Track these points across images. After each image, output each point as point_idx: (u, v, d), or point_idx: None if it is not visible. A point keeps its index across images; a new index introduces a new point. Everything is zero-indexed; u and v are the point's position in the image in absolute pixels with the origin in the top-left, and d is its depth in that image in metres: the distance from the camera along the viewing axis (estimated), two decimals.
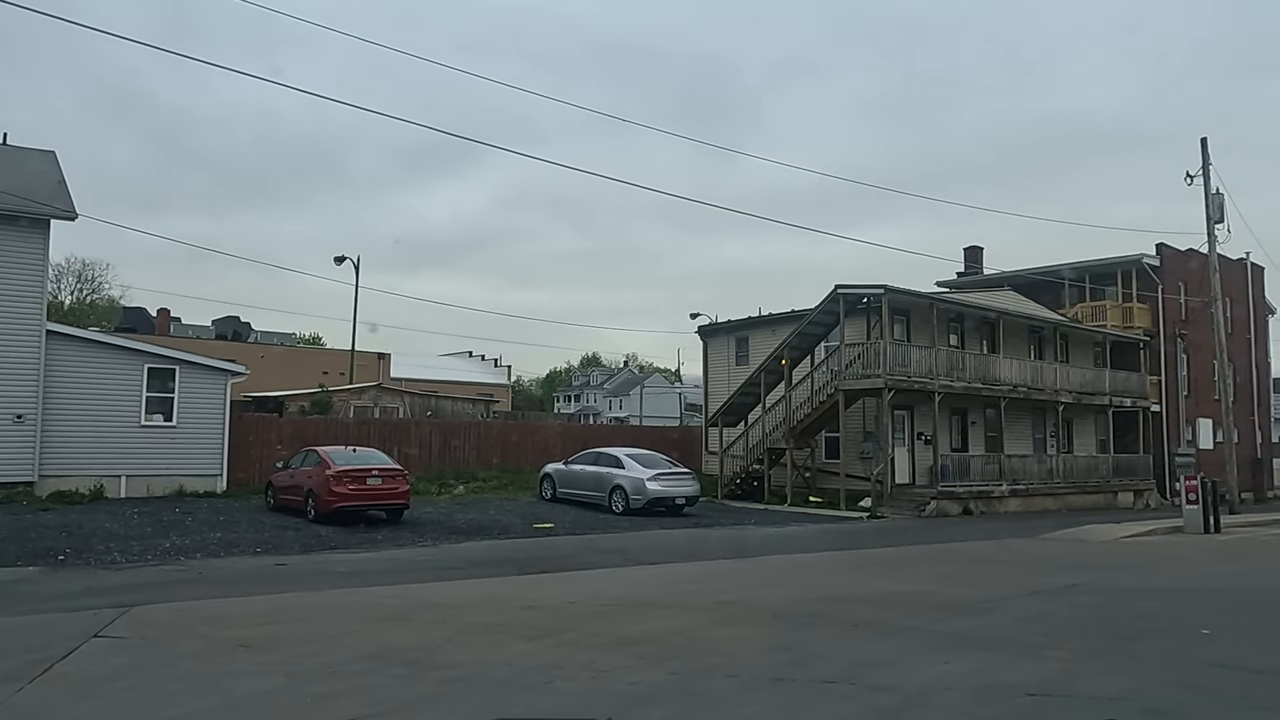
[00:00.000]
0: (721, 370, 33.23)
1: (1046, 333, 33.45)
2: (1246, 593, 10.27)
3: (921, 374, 26.14)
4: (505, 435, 29.86)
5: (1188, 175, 31.02)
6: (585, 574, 12.71)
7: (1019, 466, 28.96)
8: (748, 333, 32.57)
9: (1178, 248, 38.05)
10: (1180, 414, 38.08)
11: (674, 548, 16.43)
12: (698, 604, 9.47)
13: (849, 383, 25.88)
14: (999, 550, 16.06)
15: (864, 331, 27.79)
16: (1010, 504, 28.02)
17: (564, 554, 15.27)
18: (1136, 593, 10.29)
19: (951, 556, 15.04)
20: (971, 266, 43.26)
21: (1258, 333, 44.10)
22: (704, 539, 18.19)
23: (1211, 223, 30.55)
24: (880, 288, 25.37)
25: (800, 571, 12.88)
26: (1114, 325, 35.90)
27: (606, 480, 22.96)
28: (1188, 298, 37.29)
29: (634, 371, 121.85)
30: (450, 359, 76.23)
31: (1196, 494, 20.72)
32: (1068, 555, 15.34)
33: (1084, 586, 10.71)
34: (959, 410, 29.92)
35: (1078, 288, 38.28)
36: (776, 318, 31.19)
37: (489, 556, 14.73)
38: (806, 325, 27.43)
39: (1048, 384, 30.70)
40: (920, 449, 28.43)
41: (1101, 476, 32.54)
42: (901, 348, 26.25)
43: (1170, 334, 37.99)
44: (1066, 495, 30.34)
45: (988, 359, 28.86)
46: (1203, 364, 39.87)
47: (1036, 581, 11.29)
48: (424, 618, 8.75)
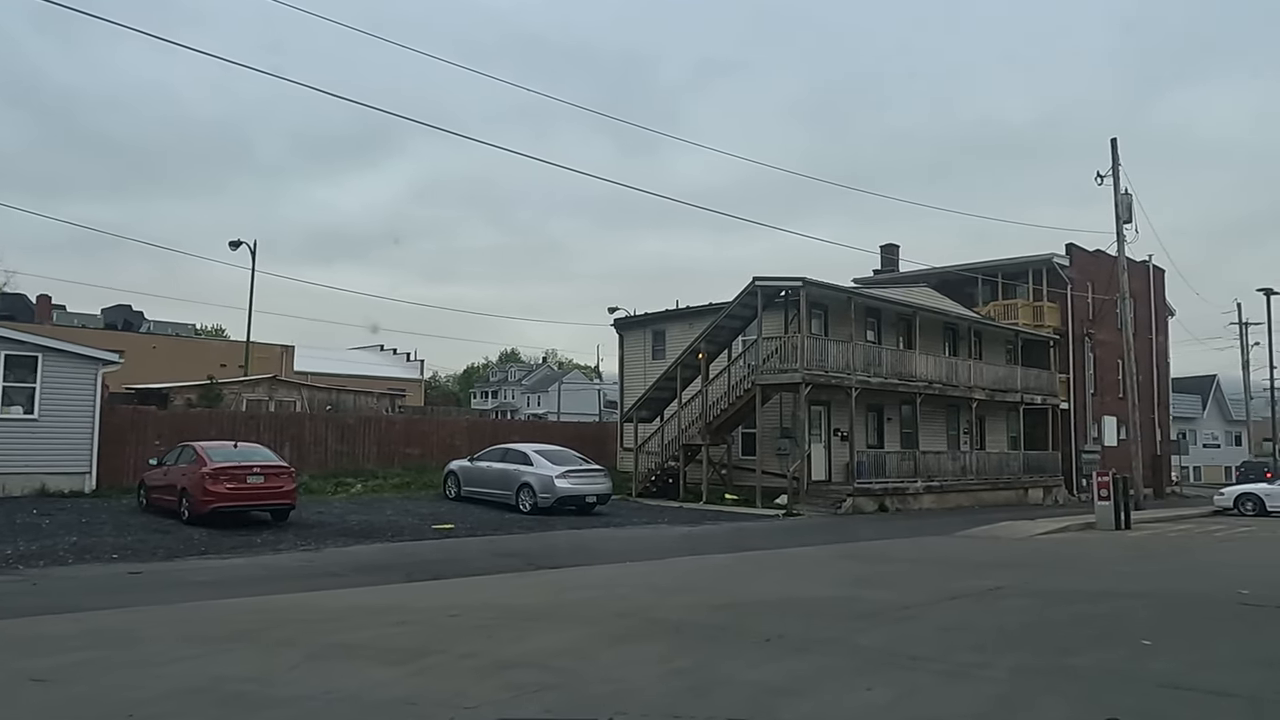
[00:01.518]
0: (638, 364, 32.35)
1: (961, 330, 33.54)
2: (1173, 596, 9.79)
3: (839, 369, 25.70)
4: (409, 431, 28.39)
5: (1098, 175, 31.42)
6: (478, 580, 11.60)
7: (934, 463, 28.85)
8: (664, 326, 31.76)
9: (1086, 249, 38.74)
10: (1087, 411, 38.81)
11: (579, 549, 15.44)
12: (594, 615, 8.49)
13: (766, 377, 25.26)
14: (916, 549, 15.52)
15: (782, 325, 27.23)
16: (925, 501, 27.86)
17: (460, 558, 14.14)
18: (1062, 596, 9.71)
19: (869, 556, 14.41)
20: (888, 264, 43.41)
21: (1158, 333, 45.37)
22: (613, 540, 17.24)
23: (1120, 222, 30.99)
24: (799, 280, 24.82)
25: (710, 574, 12.02)
26: (1025, 323, 36.29)
27: (513, 478, 21.82)
28: (1095, 295, 37.97)
29: (553, 368, 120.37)
30: (360, 353, 73.61)
31: (1109, 490, 20.68)
32: (985, 554, 14.88)
33: (1008, 589, 10.10)
34: (875, 406, 29.67)
35: (991, 286, 38.65)
36: (694, 311, 30.45)
37: (376, 561, 13.49)
38: (724, 318, 26.74)
39: (962, 381, 30.71)
40: (837, 445, 28.04)
41: (1012, 473, 32.77)
42: (820, 342, 25.76)
43: (1078, 333, 38.68)
44: (979, 492, 30.40)
45: (904, 355, 28.66)
46: (1108, 362, 40.76)
47: (958, 584, 10.65)
48: (274, 637, 7.55)
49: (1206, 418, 67.87)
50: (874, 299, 28.71)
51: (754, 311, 26.04)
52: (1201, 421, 66.51)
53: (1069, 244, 38.76)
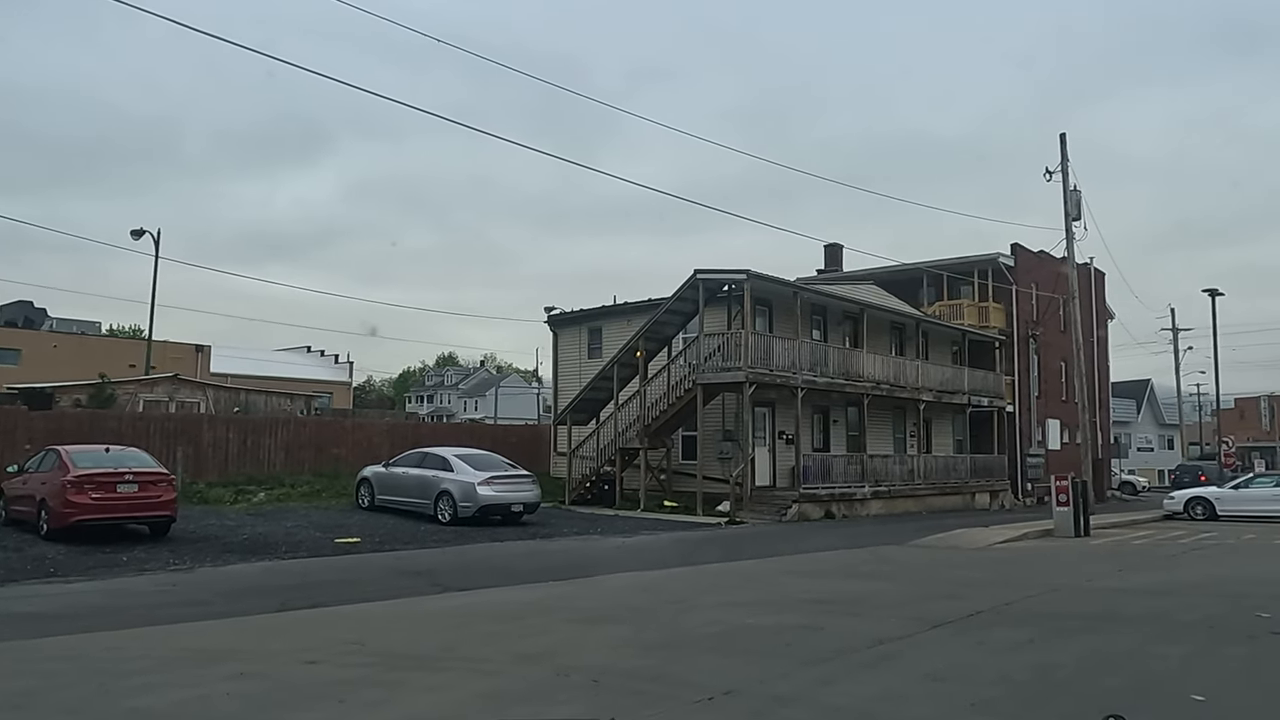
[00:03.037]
0: (573, 364, 30.56)
1: (909, 329, 32.48)
2: (1186, 623, 8.38)
3: (784, 368, 24.27)
4: (322, 434, 26.16)
5: (1047, 171, 30.53)
6: (366, 609, 9.72)
7: (881, 467, 27.62)
8: (601, 323, 30.03)
9: (1030, 249, 38.11)
10: (1032, 414, 38.15)
11: (498, 566, 13.63)
12: (492, 660, 6.73)
13: (708, 376, 23.71)
14: (874, 562, 14.04)
15: (725, 321, 25.75)
16: (873, 506, 26.60)
17: (356, 578, 12.23)
18: (1058, 623, 8.23)
19: (822, 570, 12.87)
20: (832, 264, 42.31)
21: (1098, 336, 45.13)
22: (538, 554, 15.45)
23: (1069, 219, 30.16)
24: (742, 273, 23.32)
25: (643, 597, 10.32)
26: (971, 324, 35.44)
27: (432, 485, 19.88)
28: (1041, 294, 37.34)
29: (491, 371, 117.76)
30: (286, 354, 70.40)
31: (1068, 495, 19.54)
32: (949, 567, 13.46)
33: (991, 614, 8.60)
34: (821, 408, 28.36)
35: (936, 287, 37.80)
36: (632, 307, 28.80)
37: (253, 584, 11.51)
38: (663, 314, 25.11)
39: (909, 381, 29.59)
40: (782, 449, 26.62)
41: (960, 477, 31.79)
42: (764, 339, 24.30)
43: (1023, 334, 38.00)
44: (927, 497, 29.29)
45: (852, 354, 27.40)
46: (1051, 365, 40.23)
47: (932, 607, 9.13)
48: (49, 702, 5.61)
49: (1141, 421, 68.54)
50: (821, 295, 27.39)
51: (695, 307, 24.48)
52: (1136, 425, 67.11)
53: (1014, 244, 38.08)
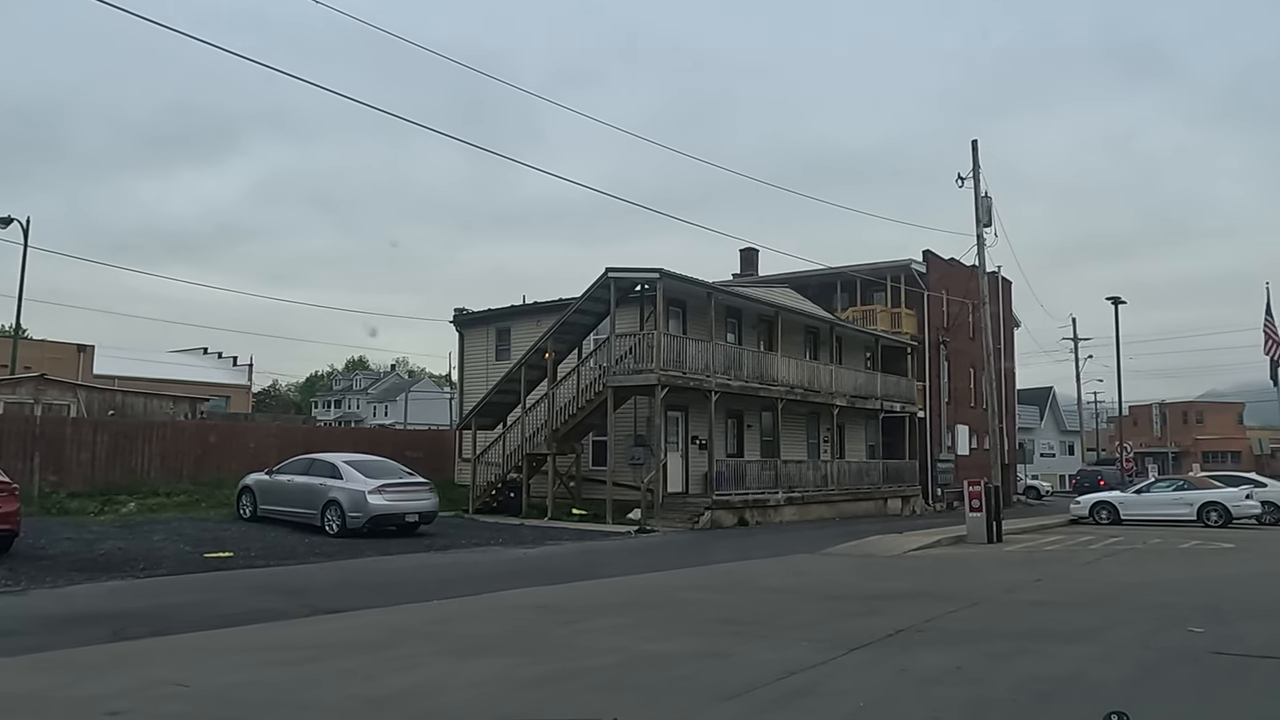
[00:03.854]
0: (480, 366, 29.28)
1: (823, 334, 32.21)
2: (1119, 640, 7.78)
3: (698, 370, 23.54)
4: (204, 439, 24.29)
5: (959, 177, 30.44)
6: (212, 637, 8.44)
7: (795, 473, 27.16)
8: (510, 323, 28.83)
9: (942, 256, 38.37)
10: (942, 420, 38.43)
11: (381, 583, 12.42)
12: (335, 709, 5.62)
13: (619, 378, 22.80)
14: (787, 573, 13.31)
15: (638, 322, 24.92)
16: (786, 513, 26.11)
17: (216, 599, 10.88)
18: (986, 643, 7.53)
19: (734, 584, 12.05)
20: (748, 269, 41.97)
21: (1005, 343, 45.91)
22: (429, 568, 14.26)
23: (980, 224, 30.28)
24: (655, 271, 22.50)
25: (533, 619, 9.30)
26: (884, 329, 35.45)
27: (319, 494, 18.43)
28: (951, 299, 37.64)
29: (402, 376, 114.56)
30: (180, 356, 66.77)
31: (981, 501, 19.24)
32: (865, 578, 12.80)
33: (912, 632, 7.86)
34: (735, 412, 27.75)
35: (850, 293, 37.78)
36: (542, 307, 27.70)
37: (91, 608, 10.07)
38: (574, 314, 24.11)
39: (823, 386, 29.26)
40: (695, 454, 25.88)
41: (872, 483, 31.65)
42: (677, 341, 23.53)
43: (935, 340, 38.26)
44: (840, 503, 28.99)
45: (766, 357, 26.86)
46: (961, 371, 40.65)
47: (848, 626, 8.37)
48: None
49: (1044, 428, 70.45)
50: (736, 296, 26.79)
51: (607, 307, 23.55)
52: (1039, 431, 68.93)
53: (925, 250, 38.35)
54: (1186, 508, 25.76)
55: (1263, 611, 9.26)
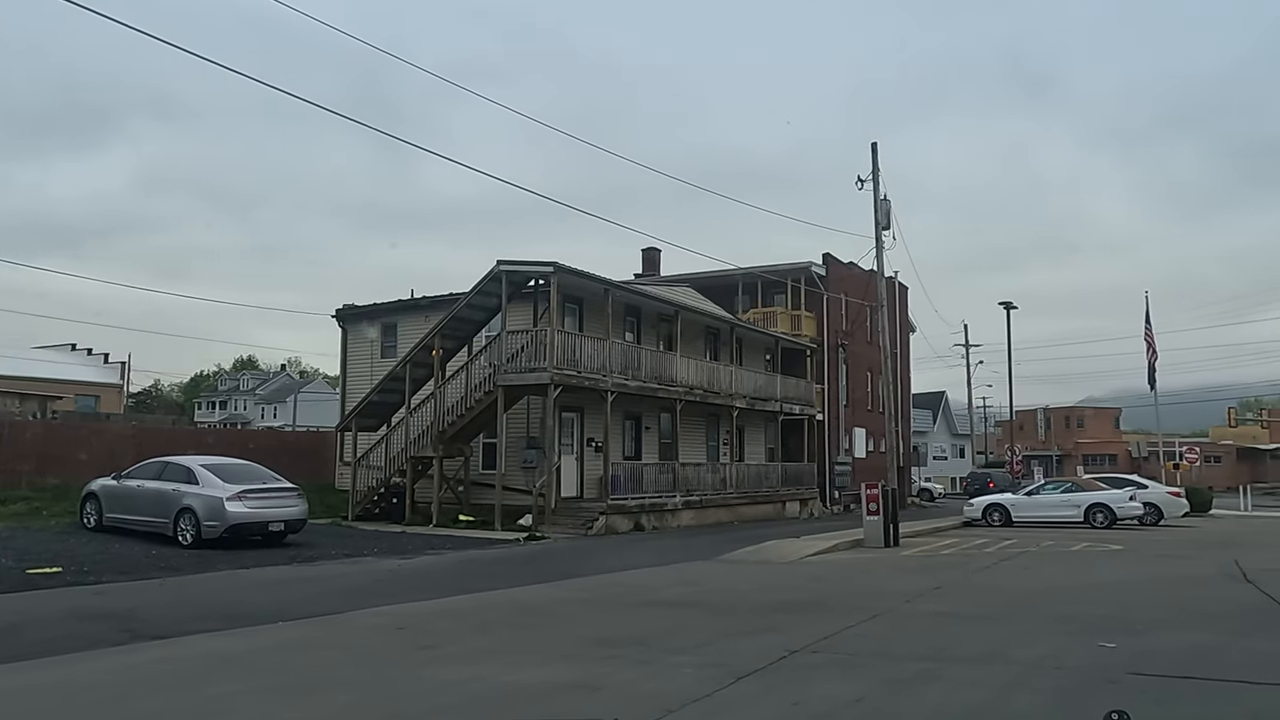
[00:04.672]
0: (364, 363, 27.66)
1: (723, 334, 31.72)
2: (1030, 659, 7.16)
3: (594, 370, 22.60)
4: (50, 440, 22.05)
5: (859, 179, 30.56)
6: None
7: (693, 476, 26.48)
8: (396, 319, 27.29)
9: (842, 260, 38.46)
10: (840, 423, 38.51)
11: (225, 604, 11.02)
12: None
13: (510, 377, 21.66)
14: (679, 583, 12.46)
15: (532, 319, 23.81)
16: (684, 517, 25.39)
17: (21, 624, 9.40)
18: (886, 662, 6.80)
19: (621, 597, 11.13)
20: (649, 269, 41.27)
21: (902, 347, 46.53)
22: (288, 584, 12.87)
23: (879, 227, 30.33)
24: (549, 265, 21.45)
25: (388, 643, 8.17)
26: (784, 331, 35.25)
27: (172, 501, 16.71)
28: (850, 300, 37.74)
29: (293, 376, 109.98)
30: (44, 352, 62.09)
31: (878, 504, 18.87)
32: (761, 587, 12.07)
33: (808, 653, 7.07)
34: (633, 414, 26.93)
35: (751, 294, 37.51)
36: (431, 301, 26.28)
37: None
38: (463, 309, 22.84)
39: (723, 388, 28.71)
40: (591, 457, 24.93)
41: (771, 485, 31.29)
42: (572, 339, 22.53)
43: (833, 343, 38.34)
44: (739, 506, 28.48)
45: (666, 357, 26.10)
46: (859, 374, 40.91)
47: (737, 646, 7.55)
48: None
49: (936, 431, 72.14)
50: (634, 294, 25.96)
51: (498, 302, 22.37)
52: (932, 435, 70.52)
53: (825, 254, 38.40)
54: (1074, 509, 26.18)
55: (1166, 620, 8.86)
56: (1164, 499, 28.80)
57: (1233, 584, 12.00)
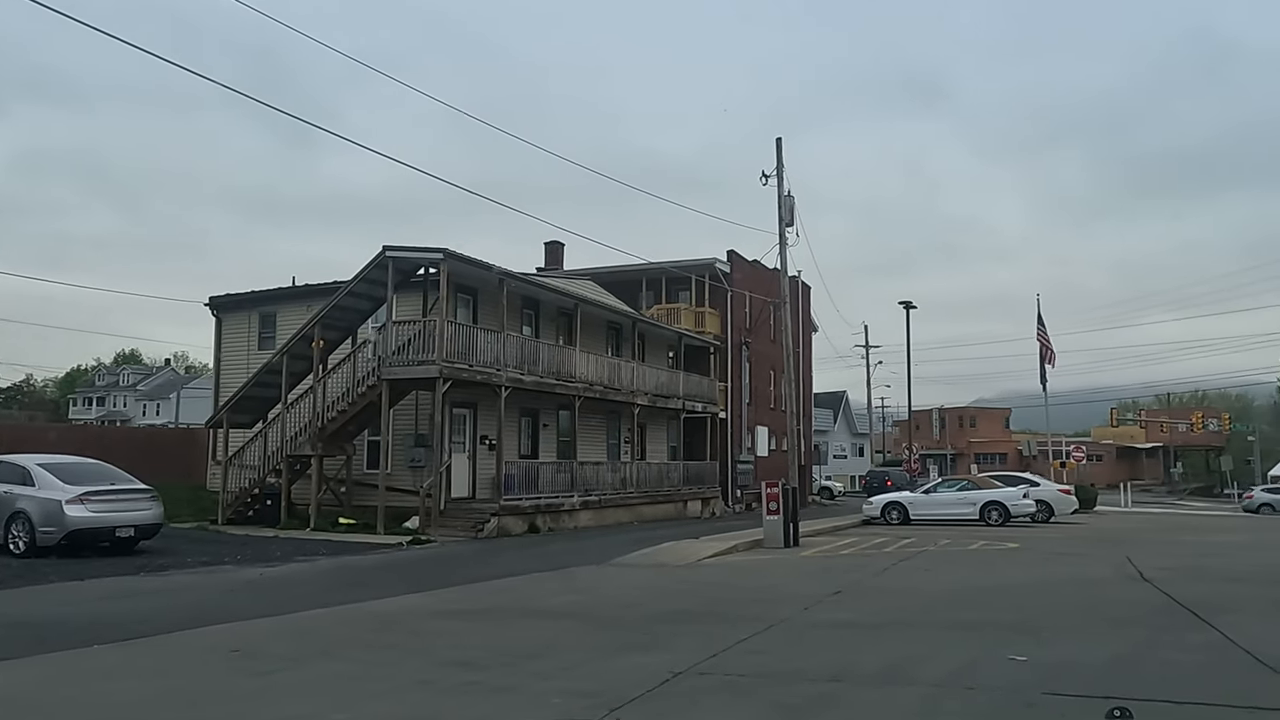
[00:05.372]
0: (240, 355, 25.78)
1: (625, 330, 30.93)
2: (934, 678, 6.53)
3: (487, 364, 21.48)
4: None
5: (763, 175, 30.20)
6: None
7: (592, 475, 25.60)
8: (276, 308, 25.53)
9: (746, 257, 38.14)
10: (743, 421, 38.22)
11: (43, 623, 9.59)
12: None
13: (397, 370, 20.36)
14: (563, 590, 11.54)
15: (422, 310, 22.53)
16: (582, 517, 24.49)
17: None
18: (780, 686, 6.06)
19: (499, 608, 10.15)
20: (552, 264, 40.23)
21: (804, 346, 46.69)
22: (126, 598, 11.41)
23: (783, 223, 30.04)
24: (439, 251, 20.24)
25: (215, 672, 7.01)
26: (687, 328, 34.69)
27: (4, 505, 14.97)
28: (755, 297, 37.49)
29: (177, 371, 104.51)
30: None
31: (778, 503, 18.33)
32: (652, 595, 11.26)
33: (691, 675, 6.26)
34: (530, 411, 25.87)
35: (655, 291, 36.84)
36: (314, 289, 24.64)
37: None
38: (346, 297, 21.41)
39: (625, 384, 27.91)
40: (484, 455, 23.76)
41: (673, 485, 30.68)
42: (464, 330, 21.33)
43: (737, 341, 38.02)
44: (639, 505, 27.74)
45: (565, 352, 25.12)
46: (761, 373, 40.73)
47: (616, 665, 6.69)
48: None
49: (837, 430, 73.13)
50: (532, 285, 24.91)
51: (385, 291, 21.02)
52: (833, 434, 71.45)
53: (730, 250, 38.04)
54: (970, 507, 26.34)
55: (1074, 627, 8.41)
56: (1055, 497, 29.35)
57: (1132, 584, 11.78)
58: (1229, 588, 11.33)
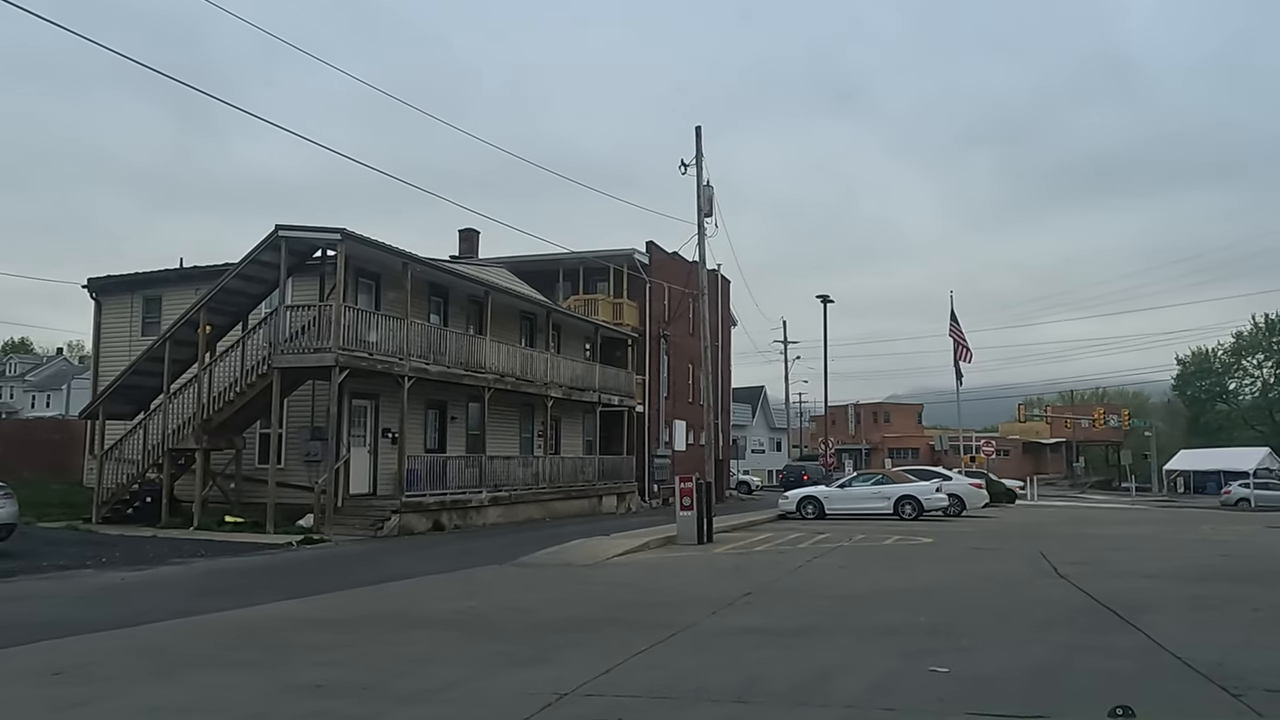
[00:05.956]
0: (121, 341, 23.91)
1: (540, 320, 29.98)
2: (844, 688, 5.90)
3: (389, 352, 20.31)
4: None
5: (682, 164, 29.71)
6: None
7: (502, 470, 24.61)
8: (161, 291, 23.76)
9: (666, 249, 37.56)
10: (660, 415, 37.67)
11: None
12: None
13: (289, 358, 19.07)
14: (460, 595, 10.64)
15: (320, 295, 21.22)
16: (491, 514, 23.51)
17: None
18: (680, 709, 5.31)
19: (375, 618, 9.20)
20: (467, 253, 38.94)
21: (724, 340, 46.42)
22: None
23: (701, 213, 29.52)
24: (336, 231, 18.97)
25: (18, 706, 5.93)
26: (605, 319, 33.92)
27: None
28: (673, 288, 36.95)
29: (71, 361, 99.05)
30: None
31: (692, 499, 17.69)
32: (552, 597, 10.46)
33: (575, 700, 5.47)
34: (437, 403, 24.74)
35: (573, 281, 35.97)
36: (204, 271, 22.96)
37: None
38: (235, 280, 19.94)
39: (539, 376, 26.98)
40: (386, 449, 22.55)
41: (588, 479, 29.89)
42: (364, 317, 20.10)
43: (655, 333, 37.43)
44: (552, 501, 26.87)
45: (475, 341, 24.05)
46: (680, 367, 40.24)
47: (497, 688, 5.88)
48: None
49: (755, 425, 73.37)
50: (440, 270, 23.76)
51: (278, 273, 19.65)
52: (751, 429, 71.64)
53: (649, 241, 37.41)
54: (884, 501, 26.22)
55: (993, 630, 7.93)
56: (967, 490, 29.56)
57: (1048, 581, 11.48)
58: (1143, 584, 11.12)
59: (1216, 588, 10.78)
